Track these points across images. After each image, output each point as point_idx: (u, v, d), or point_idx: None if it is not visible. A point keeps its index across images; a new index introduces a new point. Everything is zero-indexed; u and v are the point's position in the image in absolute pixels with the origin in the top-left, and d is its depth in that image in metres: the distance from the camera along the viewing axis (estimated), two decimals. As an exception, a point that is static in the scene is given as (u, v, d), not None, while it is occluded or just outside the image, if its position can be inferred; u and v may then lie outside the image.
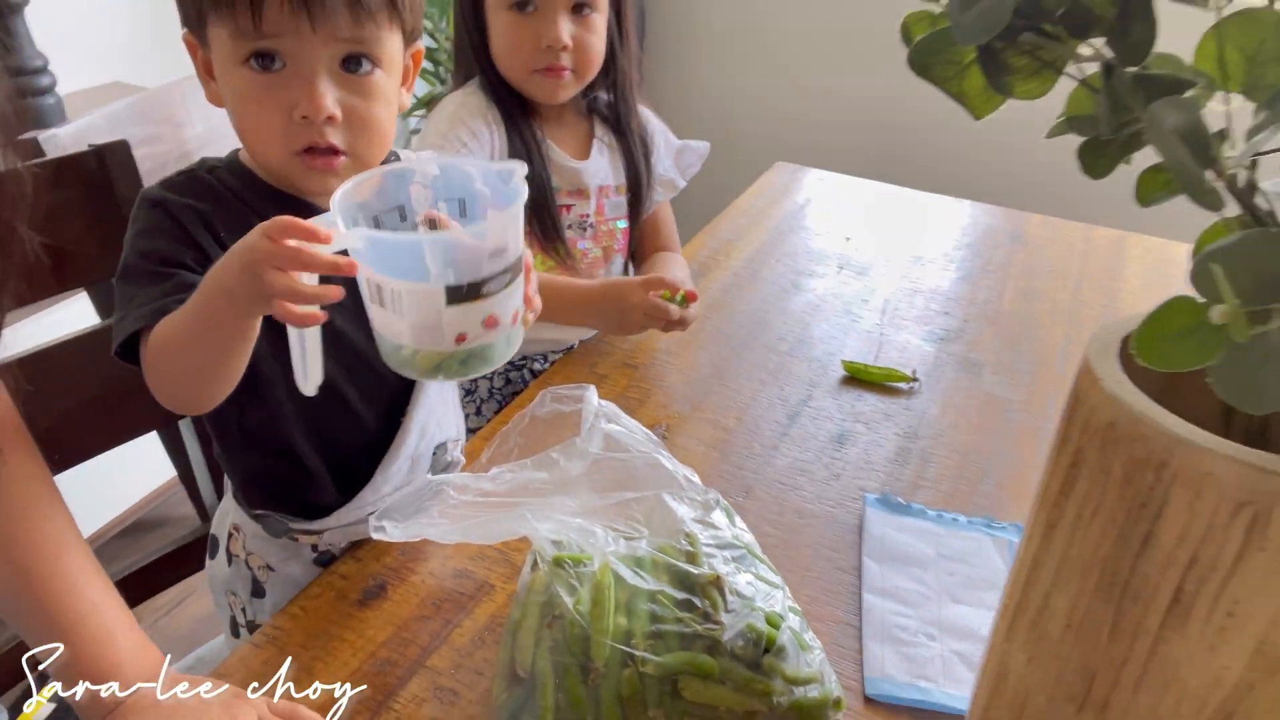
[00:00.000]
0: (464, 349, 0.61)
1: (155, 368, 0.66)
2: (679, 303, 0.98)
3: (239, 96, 0.69)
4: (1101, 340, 0.46)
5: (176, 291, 0.66)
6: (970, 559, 0.80)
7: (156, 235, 0.69)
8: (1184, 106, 0.34)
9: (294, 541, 0.83)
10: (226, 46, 0.67)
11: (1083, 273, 1.32)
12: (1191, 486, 0.40)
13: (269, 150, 0.70)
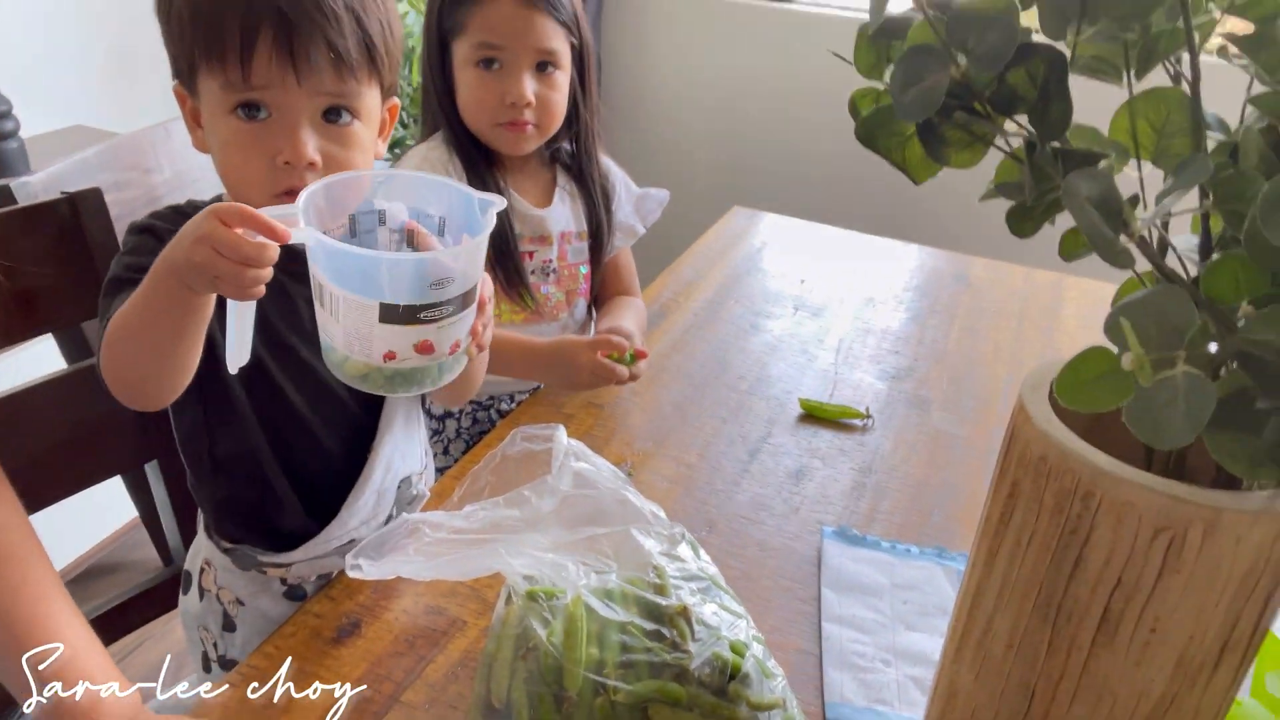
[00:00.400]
0: (391, 366, 0.62)
1: (111, 358, 0.68)
2: (628, 361, 1.02)
3: (225, 143, 0.72)
4: (1034, 381, 0.50)
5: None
6: (923, 587, 0.84)
7: (141, 253, 0.72)
8: (1098, 177, 0.39)
9: (263, 574, 0.85)
10: (215, 96, 0.71)
11: (1023, 314, 1.38)
12: (1114, 514, 0.44)
13: (251, 193, 0.73)
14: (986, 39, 0.38)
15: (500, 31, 1.04)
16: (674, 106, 2.81)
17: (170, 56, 0.74)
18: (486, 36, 1.04)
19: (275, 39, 0.68)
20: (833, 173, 2.68)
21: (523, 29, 1.04)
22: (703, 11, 2.69)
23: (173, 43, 0.73)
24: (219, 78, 0.70)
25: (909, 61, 0.39)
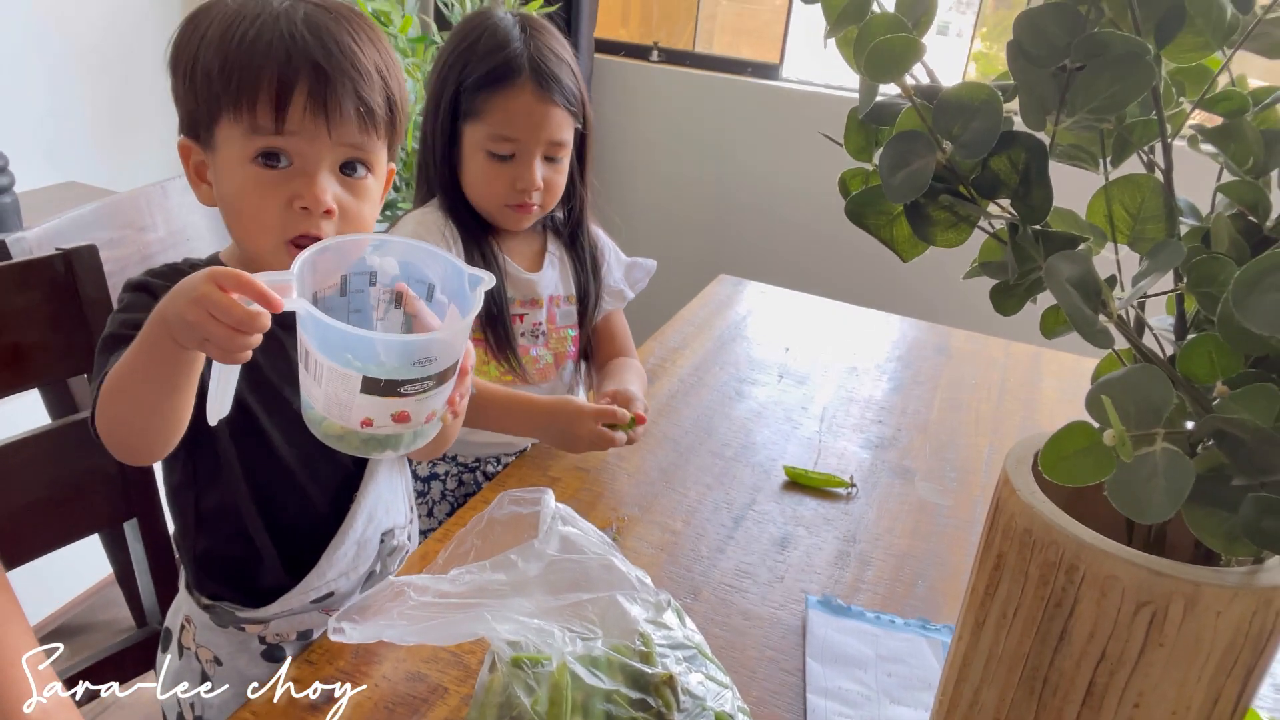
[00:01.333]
0: (367, 432, 0.64)
1: (106, 414, 0.68)
2: (628, 427, 1.03)
3: (241, 189, 0.73)
4: (1017, 454, 0.52)
5: None
6: (908, 659, 0.84)
7: (137, 309, 0.73)
8: (1077, 259, 0.40)
9: (241, 631, 0.84)
10: (237, 145, 0.72)
11: (1004, 385, 1.41)
12: (1098, 587, 0.45)
13: (261, 238, 0.74)
14: (971, 127, 0.40)
15: (518, 125, 1.07)
16: (662, 177, 2.87)
17: (183, 110, 0.76)
18: (503, 130, 1.07)
19: (311, 89, 0.71)
20: (817, 244, 2.73)
21: (539, 122, 1.07)
22: (691, 87, 2.76)
23: (190, 95, 0.74)
24: (246, 122, 0.71)
25: (897, 146, 0.41)
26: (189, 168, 0.78)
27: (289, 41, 0.71)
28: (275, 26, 0.71)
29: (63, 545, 1.01)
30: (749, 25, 3.03)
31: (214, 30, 0.72)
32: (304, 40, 0.71)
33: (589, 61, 2.72)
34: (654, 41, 2.83)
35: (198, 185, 0.78)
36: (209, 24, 0.73)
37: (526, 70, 1.05)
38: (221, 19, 0.73)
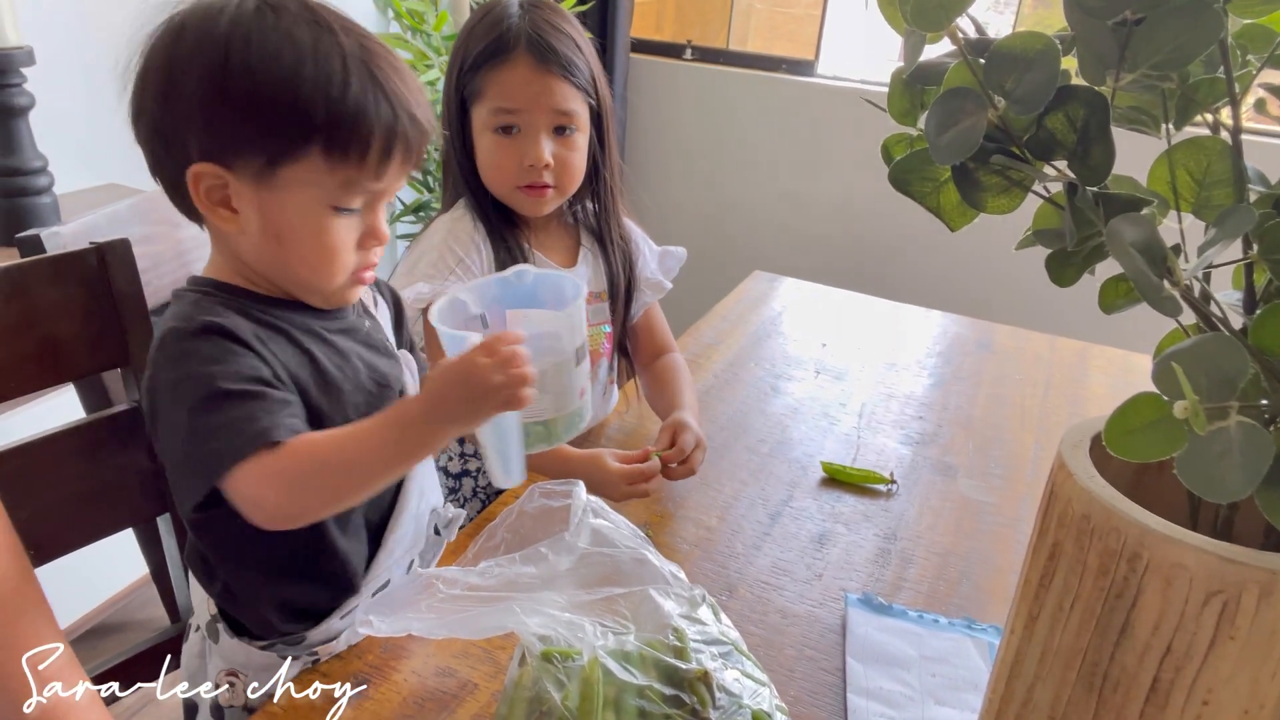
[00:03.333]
0: (578, 406, 0.73)
1: (293, 485, 0.66)
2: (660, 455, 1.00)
3: (318, 231, 0.71)
4: (1073, 438, 0.49)
5: (280, 408, 0.67)
6: (952, 660, 0.81)
7: (229, 359, 0.69)
8: (1141, 222, 0.38)
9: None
10: (314, 188, 0.69)
11: (1049, 381, 1.36)
12: (1163, 576, 0.42)
13: (336, 276, 0.74)
14: (1026, 80, 0.37)
15: (516, 96, 1.05)
16: (697, 174, 2.85)
17: (220, 137, 0.68)
18: (503, 102, 1.05)
19: (409, 144, 0.72)
20: (853, 241, 2.69)
21: (539, 92, 1.05)
22: (725, 85, 2.74)
23: (235, 124, 0.68)
24: (341, 175, 0.69)
25: (945, 104, 0.39)
26: (199, 193, 0.69)
27: (389, 96, 0.69)
28: (362, 71, 0.69)
29: (96, 540, 1.01)
30: (783, 22, 3.00)
31: (270, 61, 0.66)
32: (398, 93, 0.70)
33: (625, 61, 2.71)
34: (688, 40, 2.82)
35: (214, 210, 0.70)
36: (242, 47, 0.67)
37: (522, 42, 1.04)
38: (265, 46, 0.67)
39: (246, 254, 0.73)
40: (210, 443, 0.65)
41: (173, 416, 0.68)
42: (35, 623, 0.67)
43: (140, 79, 0.70)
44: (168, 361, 0.69)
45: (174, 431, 0.68)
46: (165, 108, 0.69)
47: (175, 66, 0.68)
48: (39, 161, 1.50)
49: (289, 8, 0.69)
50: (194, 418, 0.66)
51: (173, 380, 0.68)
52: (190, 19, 0.69)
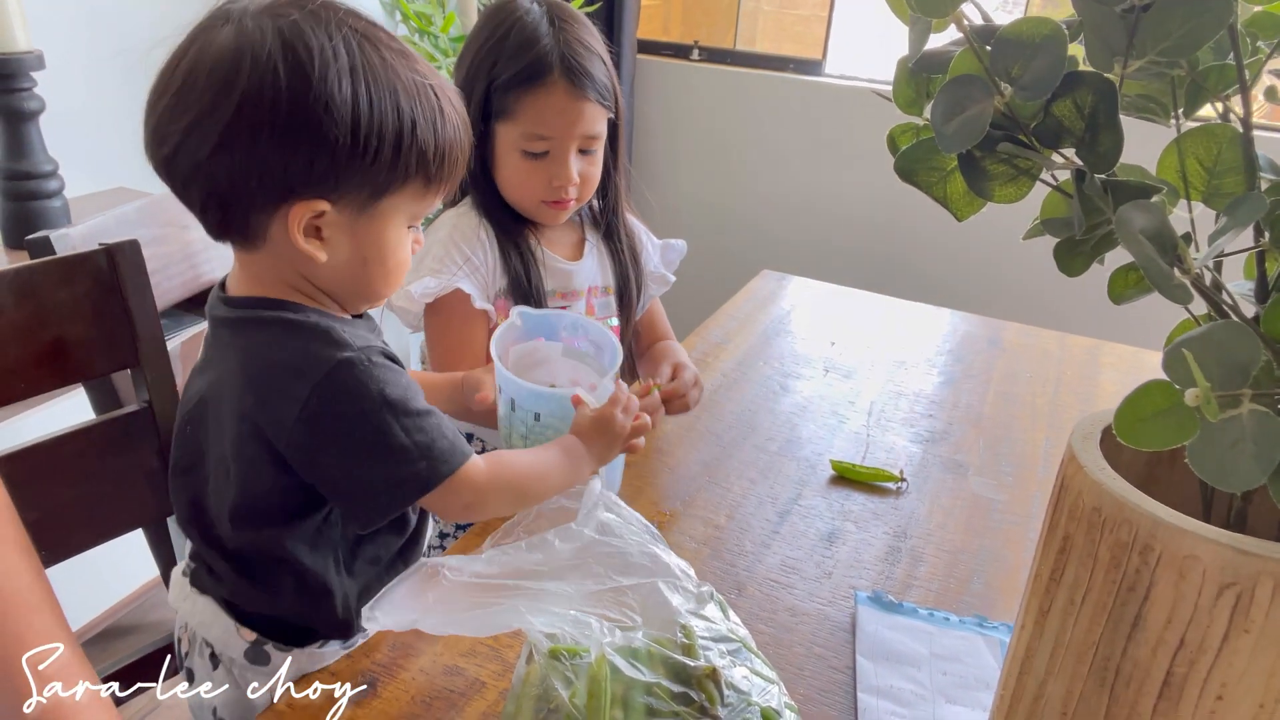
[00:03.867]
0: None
1: (488, 496, 0.76)
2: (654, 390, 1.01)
3: (396, 247, 0.75)
4: (1084, 430, 0.48)
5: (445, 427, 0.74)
6: (964, 658, 0.80)
7: (405, 379, 0.73)
8: (1150, 209, 0.37)
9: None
10: (403, 212, 0.74)
11: (1060, 378, 1.35)
12: (1176, 568, 0.41)
13: (397, 282, 0.77)
14: (1032, 66, 0.37)
15: (552, 124, 1.05)
16: (705, 175, 2.84)
17: (334, 173, 0.68)
18: (537, 128, 1.05)
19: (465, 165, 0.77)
20: (862, 240, 2.69)
21: (573, 120, 1.05)
22: (733, 85, 2.74)
23: (365, 163, 0.68)
24: (427, 199, 0.74)
25: (951, 91, 0.38)
26: (297, 227, 0.68)
27: (461, 120, 0.74)
28: (446, 101, 0.73)
29: (106, 541, 1.01)
30: (790, 22, 3.00)
31: (388, 99, 0.68)
32: (464, 115, 0.75)
33: (631, 62, 2.71)
34: (695, 40, 2.81)
35: (307, 242, 0.69)
36: (365, 88, 0.67)
37: (557, 68, 1.03)
38: (381, 84, 0.68)
39: (321, 278, 0.73)
40: (425, 459, 0.71)
41: (366, 442, 0.70)
42: (45, 621, 0.66)
43: (232, 105, 0.65)
44: (349, 395, 0.69)
45: (367, 455, 0.70)
46: (278, 146, 0.65)
47: (299, 106, 0.65)
48: (49, 165, 1.50)
49: (382, 39, 0.70)
50: (402, 436, 0.70)
51: (364, 410, 0.69)
52: (304, 51, 0.65)
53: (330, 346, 0.70)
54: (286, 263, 0.72)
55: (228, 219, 0.71)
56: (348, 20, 0.68)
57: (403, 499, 0.73)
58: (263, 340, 0.72)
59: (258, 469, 0.73)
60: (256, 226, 0.70)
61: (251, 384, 0.71)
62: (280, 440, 0.70)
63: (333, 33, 0.67)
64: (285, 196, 0.68)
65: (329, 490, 0.73)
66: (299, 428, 0.69)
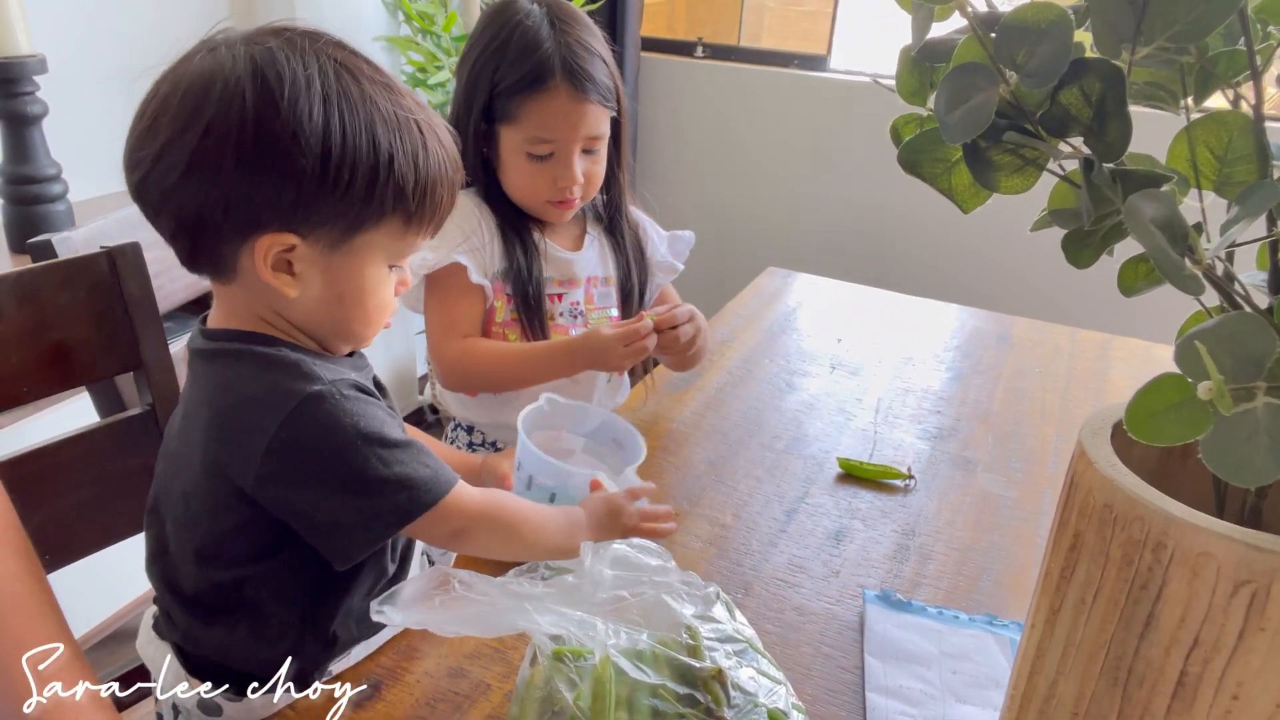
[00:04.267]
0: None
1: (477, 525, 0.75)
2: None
3: (375, 287, 0.72)
4: (1094, 425, 0.47)
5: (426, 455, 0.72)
6: (974, 657, 0.79)
7: (380, 412, 0.71)
8: (1161, 198, 0.36)
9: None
10: (382, 250, 0.71)
11: (1070, 374, 1.34)
12: (1189, 566, 0.40)
13: (378, 323, 0.75)
14: (1038, 52, 0.36)
15: (555, 127, 1.05)
16: (710, 172, 2.83)
17: (305, 207, 0.65)
18: (540, 132, 1.05)
19: (453, 203, 0.74)
20: (868, 236, 2.67)
21: (575, 122, 1.06)
22: (737, 81, 2.73)
23: (336, 198, 0.65)
24: (409, 238, 0.71)
25: (955, 80, 0.37)
26: (264, 260, 0.66)
27: (448, 158, 0.71)
28: (432, 136, 0.70)
29: (112, 543, 1.01)
30: (795, 18, 2.99)
31: (364, 133, 0.65)
32: (452, 152, 0.72)
33: (635, 60, 2.70)
34: (698, 37, 2.80)
35: (275, 277, 0.67)
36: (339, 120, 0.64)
37: (559, 72, 1.04)
38: (357, 117, 0.65)
39: (294, 314, 0.71)
40: (405, 490, 0.69)
41: (340, 476, 0.67)
42: (46, 624, 0.66)
43: (197, 132, 0.63)
44: (319, 429, 0.66)
45: (341, 489, 0.67)
46: (244, 176, 0.63)
47: (263, 135, 0.62)
48: (53, 169, 1.50)
49: (363, 70, 0.68)
50: (380, 468, 0.68)
51: (336, 444, 0.67)
52: (275, 79, 0.63)
53: (299, 380, 0.67)
54: (258, 296, 0.70)
55: (197, 249, 0.68)
56: (328, 50, 0.66)
57: (383, 531, 0.70)
58: (231, 375, 0.70)
59: (218, 506, 0.70)
60: (227, 258, 0.67)
61: (217, 418, 0.69)
62: (244, 476, 0.67)
63: (308, 61, 0.64)
64: (253, 228, 0.65)
65: (302, 526, 0.69)
66: (267, 460, 0.66)
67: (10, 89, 1.41)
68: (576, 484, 0.87)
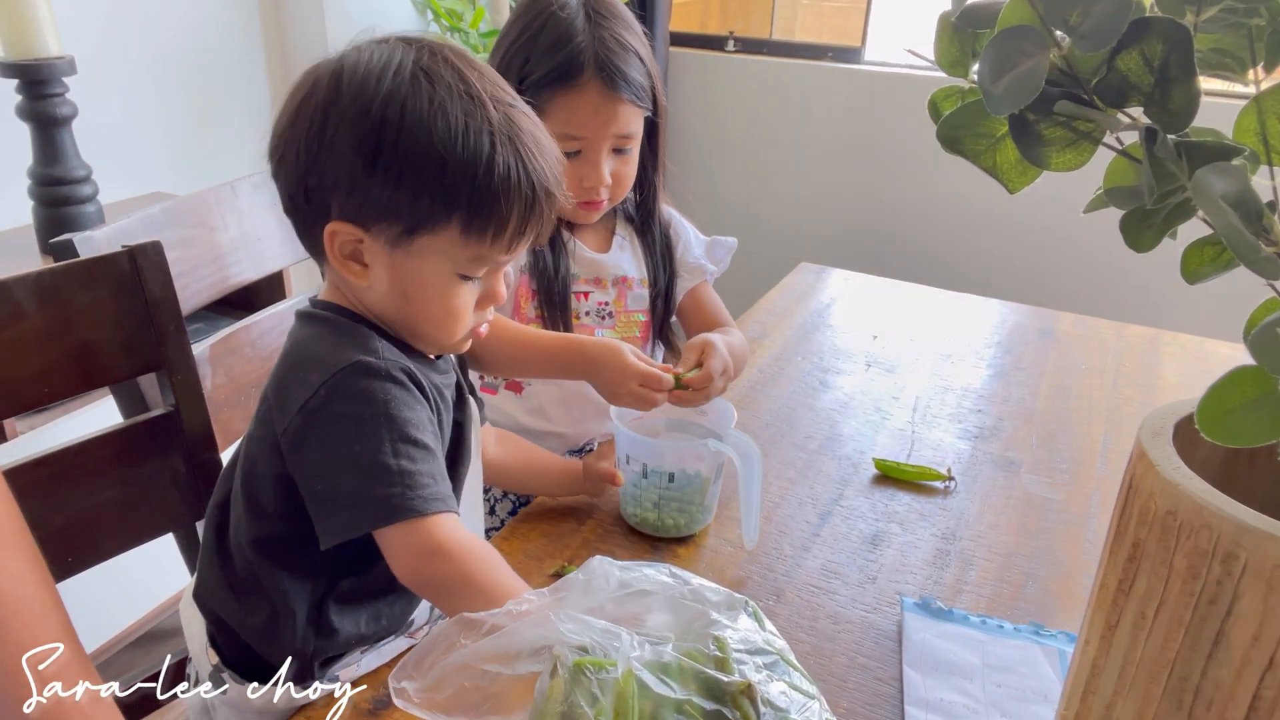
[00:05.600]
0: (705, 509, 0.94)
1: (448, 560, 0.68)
2: (678, 384, 0.92)
3: (444, 294, 0.72)
4: (1154, 425, 0.43)
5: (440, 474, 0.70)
6: (1019, 669, 0.75)
7: (417, 408, 0.70)
8: (1232, 173, 0.33)
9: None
10: (448, 256, 0.70)
11: (1118, 370, 1.29)
12: (1264, 579, 0.37)
13: (457, 333, 0.75)
14: (1093, 13, 0.32)
15: (584, 124, 1.02)
16: (741, 167, 2.80)
17: (364, 202, 0.68)
18: (569, 129, 1.02)
19: (538, 223, 0.73)
20: (904, 231, 2.62)
21: (606, 120, 1.02)
22: (769, 75, 2.68)
23: (392, 193, 0.67)
24: (474, 249, 0.70)
25: (1000, 45, 0.34)
26: (334, 249, 0.70)
27: (531, 173, 0.70)
28: (507, 149, 0.69)
29: (136, 546, 1.00)
30: (829, 12, 2.94)
31: (423, 135, 0.66)
32: (539, 169, 0.70)
33: (664, 55, 2.67)
34: (729, 31, 2.77)
35: (345, 265, 0.71)
36: (397, 118, 0.66)
37: (590, 67, 1.00)
38: (419, 119, 0.66)
39: (372, 303, 0.74)
40: (402, 486, 0.66)
41: (352, 449, 0.67)
42: (49, 627, 0.65)
43: (289, 122, 0.69)
44: (352, 396, 0.68)
45: (349, 464, 0.67)
46: (312, 162, 0.68)
47: (328, 123, 0.67)
48: (82, 170, 1.51)
49: (444, 76, 0.68)
50: (390, 456, 0.67)
51: (361, 416, 0.67)
52: (348, 74, 0.68)
53: (357, 350, 0.69)
54: (343, 280, 0.74)
55: (298, 229, 0.74)
56: (421, 56, 0.69)
57: (367, 519, 0.67)
58: (308, 333, 0.74)
59: (265, 450, 0.72)
60: (316, 240, 0.72)
61: (280, 366, 0.73)
62: (280, 425, 0.69)
63: (390, 61, 0.68)
64: (325, 214, 0.70)
65: (304, 489, 0.70)
66: (299, 417, 0.68)
67: (39, 90, 1.41)
68: (689, 461, 0.87)
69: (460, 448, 0.79)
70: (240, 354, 1.19)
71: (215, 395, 1.10)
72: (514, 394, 1.14)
